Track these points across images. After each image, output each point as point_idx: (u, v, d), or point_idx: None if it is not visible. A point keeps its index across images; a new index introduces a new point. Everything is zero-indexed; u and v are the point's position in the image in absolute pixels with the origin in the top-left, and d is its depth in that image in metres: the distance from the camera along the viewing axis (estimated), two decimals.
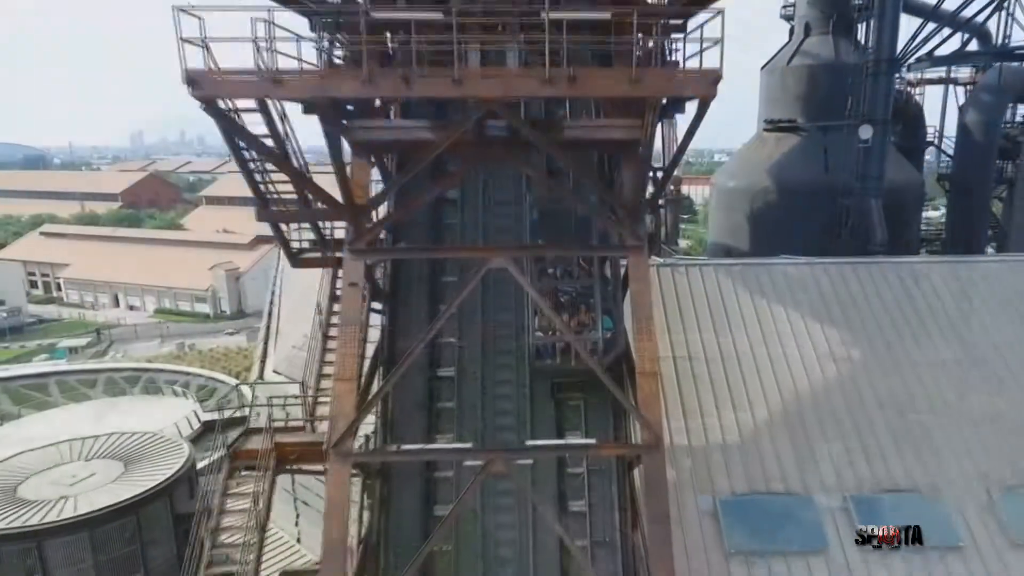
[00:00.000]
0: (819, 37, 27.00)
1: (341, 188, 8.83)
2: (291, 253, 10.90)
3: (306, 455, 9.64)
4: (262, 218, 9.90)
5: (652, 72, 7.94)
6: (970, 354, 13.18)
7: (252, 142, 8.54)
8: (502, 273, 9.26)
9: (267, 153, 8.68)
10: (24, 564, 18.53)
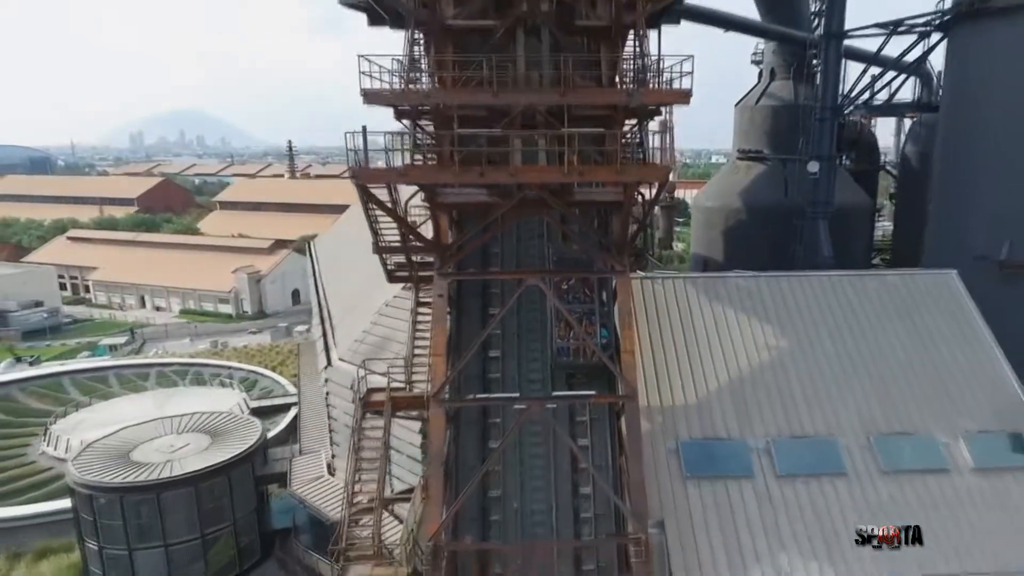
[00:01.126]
0: (782, 81, 32.13)
1: (434, 232, 13.91)
2: (388, 272, 15.98)
3: (410, 405, 14.64)
4: (376, 251, 14.97)
5: (629, 166, 13.04)
6: (859, 344, 18.31)
7: (382, 206, 13.63)
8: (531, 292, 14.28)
9: (389, 212, 13.75)
10: (146, 510, 23.78)
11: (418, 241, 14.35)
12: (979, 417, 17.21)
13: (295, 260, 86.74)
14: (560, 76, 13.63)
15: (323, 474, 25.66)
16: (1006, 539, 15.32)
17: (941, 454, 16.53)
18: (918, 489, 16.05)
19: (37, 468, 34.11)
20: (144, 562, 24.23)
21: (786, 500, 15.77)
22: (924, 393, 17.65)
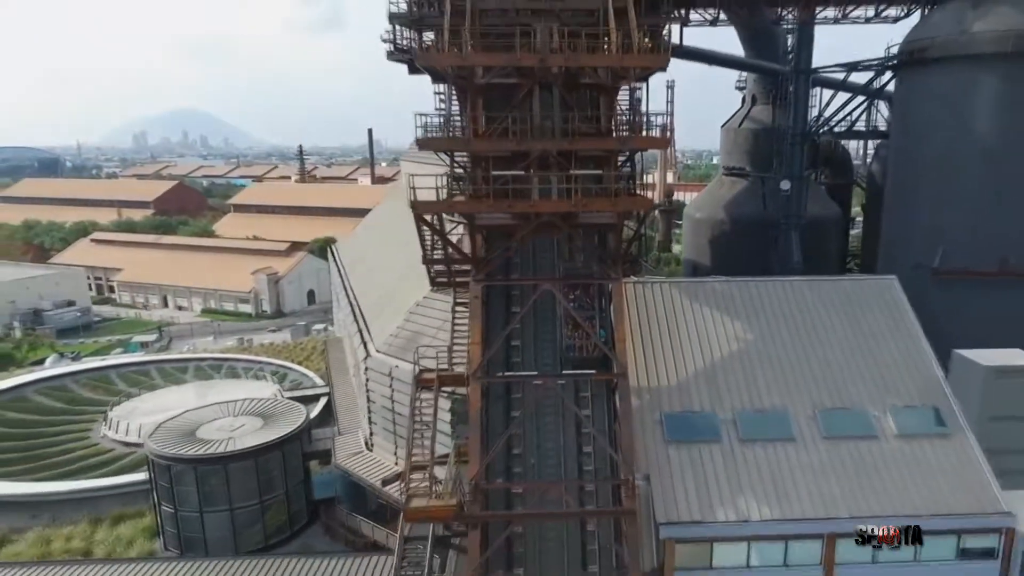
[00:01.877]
0: (762, 106, 36.25)
1: (471, 247, 18.09)
2: (432, 278, 20.16)
3: (453, 382, 18.82)
4: (425, 262, 19.15)
5: (621, 198, 17.20)
6: (811, 337, 22.45)
7: (431, 228, 17.79)
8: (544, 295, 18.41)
9: (438, 232, 17.92)
10: (214, 478, 27.97)
11: (457, 254, 18.52)
12: (904, 395, 21.31)
13: (310, 262, 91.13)
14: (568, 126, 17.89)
15: (362, 450, 29.88)
16: (919, 491, 19.40)
17: (871, 424, 20.63)
18: (851, 452, 20.16)
19: (102, 449, 38.37)
20: (212, 523, 28.47)
21: (746, 459, 19.88)
22: (861, 376, 21.76)
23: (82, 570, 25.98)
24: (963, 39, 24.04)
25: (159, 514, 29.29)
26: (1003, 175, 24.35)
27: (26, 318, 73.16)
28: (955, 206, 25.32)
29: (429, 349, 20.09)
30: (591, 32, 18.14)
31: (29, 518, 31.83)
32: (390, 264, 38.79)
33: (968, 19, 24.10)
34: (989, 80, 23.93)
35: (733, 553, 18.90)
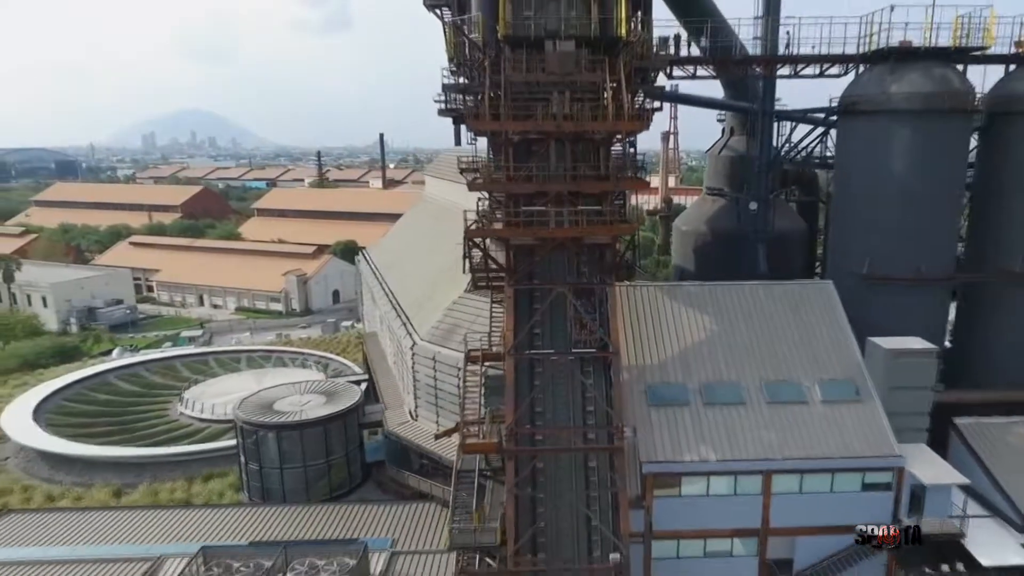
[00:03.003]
0: (739, 137, 42.94)
1: (506, 261, 25.03)
2: (474, 283, 27.12)
3: (492, 358, 25.78)
4: (470, 271, 26.08)
5: (615, 225, 24.12)
6: (762, 327, 29.32)
7: (478, 247, 24.72)
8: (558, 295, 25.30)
9: (483, 252, 24.85)
10: (291, 441, 34.90)
11: (495, 265, 25.47)
12: (830, 372, 28.14)
13: (335, 264, 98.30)
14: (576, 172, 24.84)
15: (408, 420, 36.90)
16: (835, 440, 26.18)
17: (803, 393, 27.48)
18: (787, 413, 27.02)
19: (181, 424, 45.51)
20: (289, 477, 35.53)
21: (708, 418, 26.77)
22: (798, 357, 28.63)
23: (193, 514, 33.21)
24: (883, 97, 30.84)
25: (245, 471, 36.35)
26: (914, 203, 31.13)
27: (81, 315, 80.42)
28: (879, 226, 32.12)
29: (472, 335, 27.08)
30: (593, 100, 25.11)
31: (134, 477, 38.98)
32: (424, 269, 45.83)
33: (887, 82, 30.90)
34: (902, 130, 30.74)
35: (696, 485, 25.83)
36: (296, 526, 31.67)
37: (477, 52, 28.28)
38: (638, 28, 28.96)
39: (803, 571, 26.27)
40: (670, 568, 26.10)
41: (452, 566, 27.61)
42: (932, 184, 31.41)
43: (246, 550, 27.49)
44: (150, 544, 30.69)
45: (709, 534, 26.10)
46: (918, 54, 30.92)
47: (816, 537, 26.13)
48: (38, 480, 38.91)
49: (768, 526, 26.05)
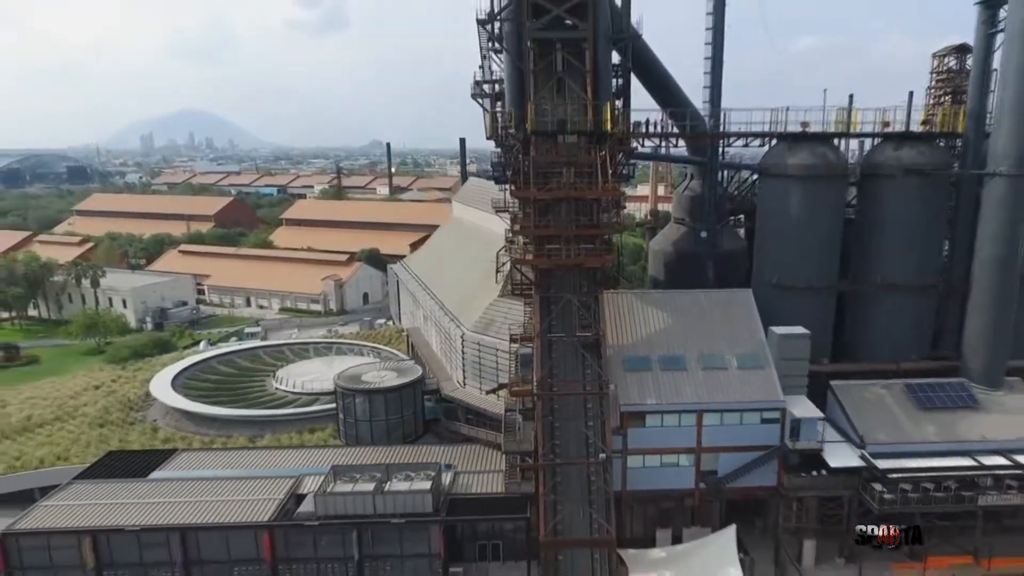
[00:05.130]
0: (697, 180, 57.74)
1: (535, 278, 39.83)
2: (512, 291, 41.91)
3: (526, 339, 40.51)
4: (512, 285, 40.89)
5: (603, 256, 38.96)
6: (701, 321, 44.24)
7: (515, 267, 39.50)
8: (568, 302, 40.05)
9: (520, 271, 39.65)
10: (377, 402, 49.58)
11: (527, 280, 40.22)
12: (744, 348, 42.93)
13: (364, 269, 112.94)
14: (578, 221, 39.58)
15: (457, 387, 51.73)
16: (745, 391, 40.97)
17: (726, 362, 42.28)
18: (714, 376, 41.81)
19: (278, 396, 60.18)
20: (374, 428, 50.19)
21: (663, 378, 41.58)
22: (723, 339, 43.44)
23: (313, 451, 48.00)
24: (783, 166, 45.76)
25: (344, 423, 51.03)
26: (806, 236, 46.03)
27: (155, 315, 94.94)
28: (784, 251, 47.01)
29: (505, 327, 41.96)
30: (590, 174, 39.85)
31: (258, 431, 53.62)
32: (462, 278, 60.62)
33: (786, 155, 45.84)
34: (797, 188, 45.64)
35: (655, 419, 40.65)
36: (384, 458, 46.23)
37: (510, 136, 43.26)
38: (619, 121, 43.56)
39: (723, 476, 41.09)
40: (639, 474, 40.93)
41: (494, 481, 42.68)
42: (818, 223, 46.42)
43: (362, 468, 42.31)
44: (289, 468, 45.32)
45: (664, 451, 40.94)
46: (806, 136, 45.97)
47: (731, 454, 40.95)
48: (188, 433, 53.53)
49: (701, 446, 40.88)
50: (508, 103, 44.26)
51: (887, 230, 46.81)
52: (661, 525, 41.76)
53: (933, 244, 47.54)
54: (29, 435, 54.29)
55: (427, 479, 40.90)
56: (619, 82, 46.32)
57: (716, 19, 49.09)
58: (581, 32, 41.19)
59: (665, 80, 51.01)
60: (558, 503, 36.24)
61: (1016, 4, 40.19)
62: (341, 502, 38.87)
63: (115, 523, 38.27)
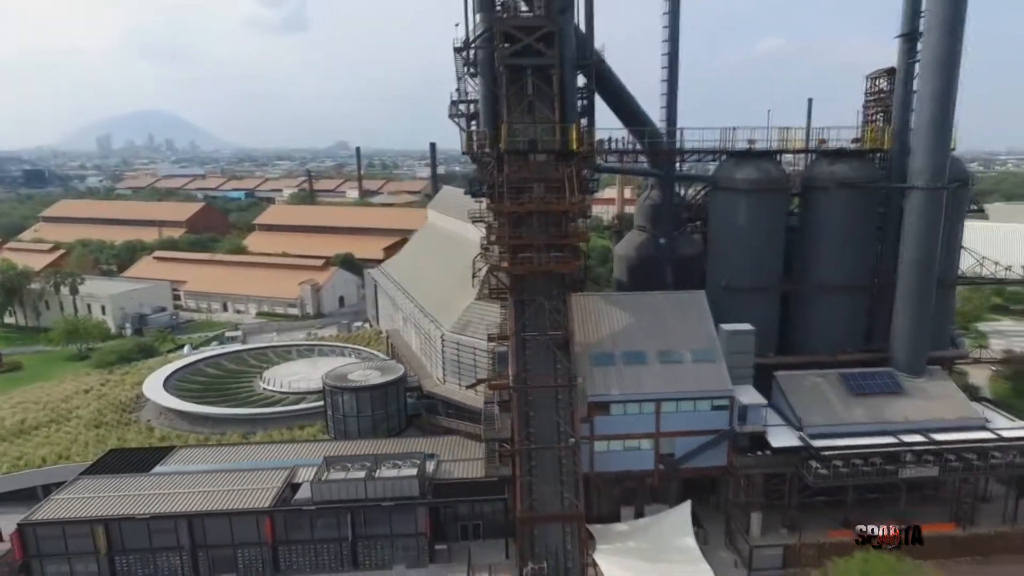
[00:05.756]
0: (657, 191, 62.75)
1: (510, 283, 44.18)
2: (489, 295, 46.18)
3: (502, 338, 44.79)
4: (488, 290, 45.18)
5: (570, 263, 43.49)
6: (658, 320, 49.10)
7: (492, 273, 43.80)
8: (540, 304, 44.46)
9: (497, 277, 43.96)
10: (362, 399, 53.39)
11: (503, 285, 44.48)
12: (697, 344, 47.84)
13: (340, 274, 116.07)
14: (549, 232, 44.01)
15: (437, 384, 55.79)
16: (698, 382, 45.86)
17: (681, 356, 47.16)
18: (671, 369, 46.64)
19: (266, 396, 63.50)
20: (362, 423, 54.00)
21: (625, 371, 46.29)
22: (679, 336, 48.32)
23: (304, 445, 51.61)
24: (732, 180, 50.95)
25: (330, 418, 54.68)
26: (752, 242, 51.27)
27: (134, 320, 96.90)
28: (733, 256, 52.20)
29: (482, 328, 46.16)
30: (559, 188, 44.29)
31: (250, 428, 56.93)
32: (439, 282, 64.69)
33: (735, 171, 51.04)
34: (743, 200, 50.86)
35: (618, 408, 45.29)
36: (371, 450, 50.03)
37: (485, 154, 47.52)
38: (584, 140, 48.02)
39: (680, 458, 45.93)
40: (605, 457, 45.54)
41: (474, 468, 46.90)
42: (763, 231, 51.71)
43: (352, 458, 46.19)
44: (283, 460, 48.92)
45: (626, 437, 45.60)
46: (752, 154, 51.24)
47: (687, 438, 45.77)
48: (183, 432, 56.58)
49: (659, 432, 45.65)
50: (483, 123, 48.46)
51: (824, 236, 52.31)
52: (625, 503, 46.47)
53: (865, 249, 53.15)
54: (26, 437, 56.79)
55: (413, 466, 44.98)
56: (584, 103, 50.82)
57: (671, 47, 54.17)
58: (549, 59, 45.51)
59: (627, 100, 55.79)
60: (533, 483, 40.60)
61: (929, 39, 45.82)
62: (335, 488, 42.74)
63: (125, 512, 41.52)
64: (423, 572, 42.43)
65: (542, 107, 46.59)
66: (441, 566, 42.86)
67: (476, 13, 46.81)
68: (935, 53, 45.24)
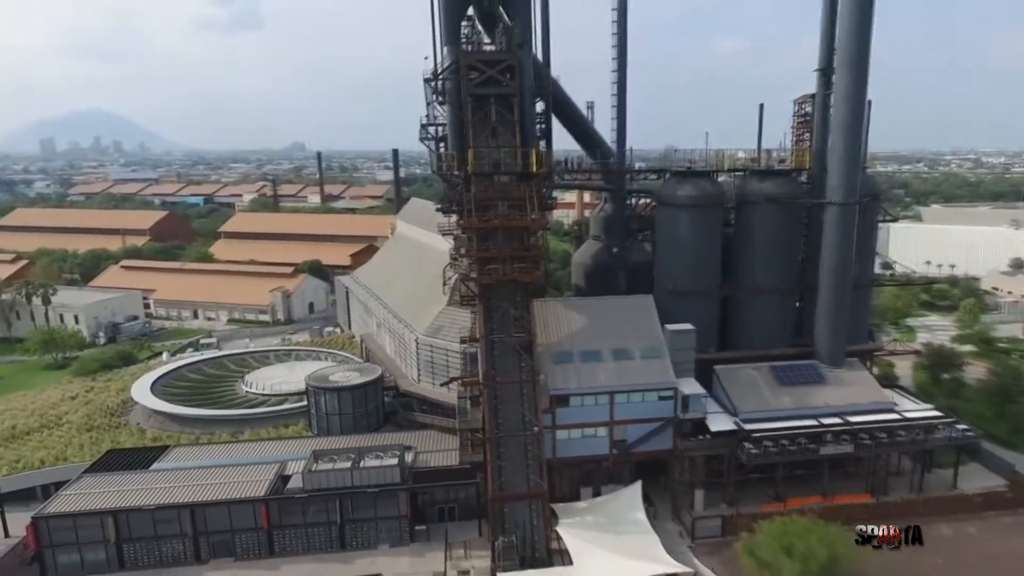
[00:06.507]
0: (610, 203, 68.98)
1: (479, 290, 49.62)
2: (460, 301, 51.51)
3: (473, 340, 50.11)
4: (460, 297, 50.54)
5: (532, 272, 49.14)
6: (610, 321, 55.12)
7: (463, 282, 49.19)
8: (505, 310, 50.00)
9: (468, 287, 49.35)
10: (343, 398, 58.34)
11: (472, 293, 49.86)
12: (646, 342, 53.98)
13: (309, 281, 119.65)
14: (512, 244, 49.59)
15: (413, 383, 60.86)
16: (647, 376, 51.98)
17: (632, 353, 53.22)
18: (623, 365, 52.64)
19: (248, 397, 67.60)
20: (344, 420, 58.70)
21: (582, 368, 52.09)
22: (630, 336, 54.37)
23: (291, 441, 56.14)
24: (674, 197, 57.38)
25: (313, 416, 59.23)
26: (693, 251, 57.77)
27: (108, 329, 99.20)
28: (676, 264, 58.63)
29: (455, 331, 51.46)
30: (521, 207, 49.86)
31: (238, 428, 61.06)
32: (411, 289, 69.72)
33: (676, 188, 57.50)
34: (684, 214, 57.32)
35: (577, 401, 51.08)
36: (352, 445, 54.83)
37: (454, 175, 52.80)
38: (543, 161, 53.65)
39: (631, 443, 51.94)
40: (565, 444, 51.23)
41: (448, 457, 52.19)
42: (703, 241, 58.22)
43: (338, 451, 51.00)
44: (273, 455, 53.39)
45: (585, 425, 51.38)
46: (692, 173, 57.76)
47: (637, 425, 51.77)
48: (174, 432, 60.39)
49: (613, 420, 51.57)
50: (450, 146, 53.70)
51: (756, 246, 59.10)
52: (584, 484, 52.34)
53: (791, 256, 60.16)
54: (20, 441, 59.86)
55: (394, 457, 50.08)
56: (543, 127, 56.55)
57: (619, 76, 60.42)
58: (510, 89, 51.00)
59: (581, 124, 61.85)
60: (502, 467, 46.10)
61: (840, 75, 52.89)
62: (324, 477, 47.56)
63: (133, 504, 45.61)
64: (405, 550, 47.53)
65: (504, 132, 52.09)
66: (421, 544, 48.03)
67: (444, 46, 52.16)
68: (844, 87, 52.29)
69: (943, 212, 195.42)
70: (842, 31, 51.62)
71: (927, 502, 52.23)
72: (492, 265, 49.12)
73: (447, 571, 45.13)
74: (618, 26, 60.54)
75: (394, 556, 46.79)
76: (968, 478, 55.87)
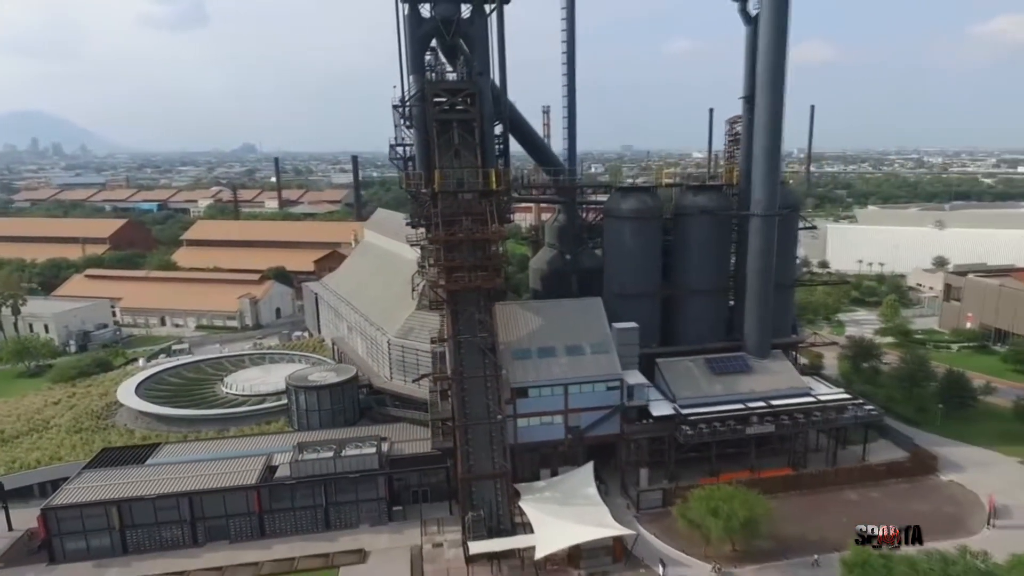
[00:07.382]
0: (563, 214, 75.75)
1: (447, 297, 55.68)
2: (429, 306, 57.42)
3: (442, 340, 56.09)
4: (429, 302, 56.48)
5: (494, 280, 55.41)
6: (566, 321, 61.80)
7: (433, 289, 55.17)
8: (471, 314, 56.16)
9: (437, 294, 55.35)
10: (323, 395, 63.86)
11: (440, 298, 55.84)
12: (595, 339, 60.71)
13: (276, 287, 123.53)
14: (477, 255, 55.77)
15: (387, 381, 66.52)
16: (597, 369, 58.69)
17: (583, 350, 59.94)
18: (575, 360, 59.44)
19: (228, 398, 72.16)
20: (322, 416, 63.92)
21: (539, 363, 58.56)
22: (581, 333, 61.07)
23: (275, 436, 61.26)
24: (619, 210, 64.45)
25: (293, 412, 64.28)
26: (636, 258, 64.93)
27: (79, 337, 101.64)
28: (621, 268, 65.70)
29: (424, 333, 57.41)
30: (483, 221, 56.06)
31: (222, 426, 65.62)
32: (380, 295, 75.23)
33: (620, 202, 64.61)
34: (626, 225, 64.45)
35: (535, 392, 57.55)
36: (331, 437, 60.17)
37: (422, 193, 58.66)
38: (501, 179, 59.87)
39: (584, 429, 58.63)
40: (525, 431, 57.59)
41: (420, 446, 58.11)
42: (644, 249, 65.44)
43: (320, 443, 56.43)
44: (259, 449, 58.39)
45: (542, 414, 57.83)
46: (634, 188, 64.89)
47: (589, 412, 58.44)
48: (162, 432, 64.63)
49: (568, 409, 58.18)
50: (418, 165, 59.55)
51: (692, 252, 66.64)
52: (543, 466, 58.86)
53: (723, 261, 67.93)
54: (12, 444, 63.30)
55: (372, 446, 55.75)
56: (501, 147, 62.89)
57: (569, 100, 67.21)
58: (471, 114, 57.13)
59: (536, 142, 68.51)
60: (470, 451, 52.25)
61: (759, 104, 60.71)
62: (310, 466, 52.96)
63: (135, 494, 50.24)
64: (384, 528, 53.29)
65: (467, 153, 58.21)
66: (399, 523, 53.84)
67: (410, 75, 58.04)
68: (764, 115, 60.15)
69: (877, 213, 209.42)
70: (761, 68, 59.43)
71: (838, 473, 60.34)
72: (458, 273, 55.17)
73: (423, 544, 51.04)
74: (567, 57, 67.37)
75: (374, 534, 52.46)
76: (877, 452, 64.32)
